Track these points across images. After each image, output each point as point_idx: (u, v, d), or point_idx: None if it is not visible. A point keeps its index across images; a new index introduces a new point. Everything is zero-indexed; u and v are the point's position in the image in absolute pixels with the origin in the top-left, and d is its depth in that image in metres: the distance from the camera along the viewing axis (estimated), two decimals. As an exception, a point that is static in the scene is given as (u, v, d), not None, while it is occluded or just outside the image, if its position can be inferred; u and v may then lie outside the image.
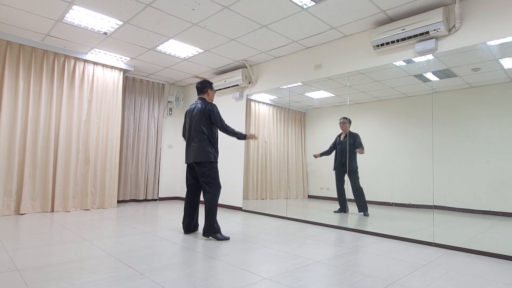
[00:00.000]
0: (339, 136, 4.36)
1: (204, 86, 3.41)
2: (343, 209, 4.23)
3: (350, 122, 4.17)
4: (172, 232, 3.41)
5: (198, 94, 3.44)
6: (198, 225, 3.48)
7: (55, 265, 2.22)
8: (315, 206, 5.05)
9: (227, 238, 3.12)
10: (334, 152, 4.42)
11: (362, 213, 4.09)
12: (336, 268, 2.30)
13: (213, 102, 3.36)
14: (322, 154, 4.67)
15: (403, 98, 4.01)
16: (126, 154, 5.89)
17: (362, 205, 4.10)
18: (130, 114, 6.00)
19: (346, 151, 4.16)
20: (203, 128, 3.21)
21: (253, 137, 3.36)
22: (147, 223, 3.93)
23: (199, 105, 3.30)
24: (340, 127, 4.30)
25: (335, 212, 4.33)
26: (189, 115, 3.38)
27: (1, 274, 2.02)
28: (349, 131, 4.15)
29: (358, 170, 4.13)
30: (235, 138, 3.40)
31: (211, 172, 3.20)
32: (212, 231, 3.11)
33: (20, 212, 4.26)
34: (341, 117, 4.28)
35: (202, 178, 3.21)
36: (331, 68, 4.21)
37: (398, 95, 4.05)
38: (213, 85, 3.56)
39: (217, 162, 3.27)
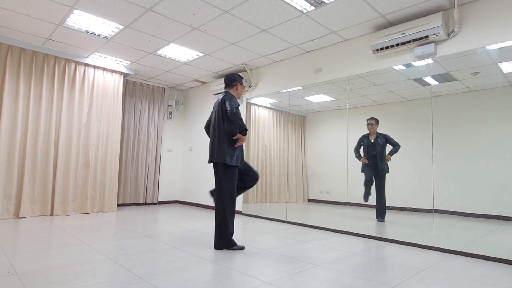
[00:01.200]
0: (367, 137, 4.08)
1: (233, 80, 3.07)
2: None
3: (378, 122, 4.01)
4: (172, 236, 3.40)
5: (225, 87, 3.10)
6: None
7: (54, 269, 2.21)
8: (315, 210, 5.04)
9: (241, 248, 2.89)
10: (362, 154, 4.13)
11: (378, 219, 3.97)
12: (337, 272, 2.29)
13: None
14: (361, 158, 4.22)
15: (402, 102, 4.02)
16: (126, 158, 5.89)
17: (383, 212, 3.95)
18: (130, 118, 6.00)
19: (378, 152, 3.99)
20: (223, 124, 2.91)
21: (244, 140, 2.93)
22: (146, 227, 3.92)
23: (219, 100, 3.01)
24: (368, 128, 4.05)
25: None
26: (214, 109, 3.07)
27: (0, 278, 2.01)
28: (377, 132, 4.02)
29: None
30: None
31: (226, 177, 2.85)
32: (227, 244, 2.86)
33: (20, 216, 4.25)
34: (368, 118, 4.05)
35: (216, 182, 2.91)
36: (331, 72, 4.23)
37: (398, 99, 4.06)
38: (243, 81, 3.20)
39: (236, 166, 2.89)
